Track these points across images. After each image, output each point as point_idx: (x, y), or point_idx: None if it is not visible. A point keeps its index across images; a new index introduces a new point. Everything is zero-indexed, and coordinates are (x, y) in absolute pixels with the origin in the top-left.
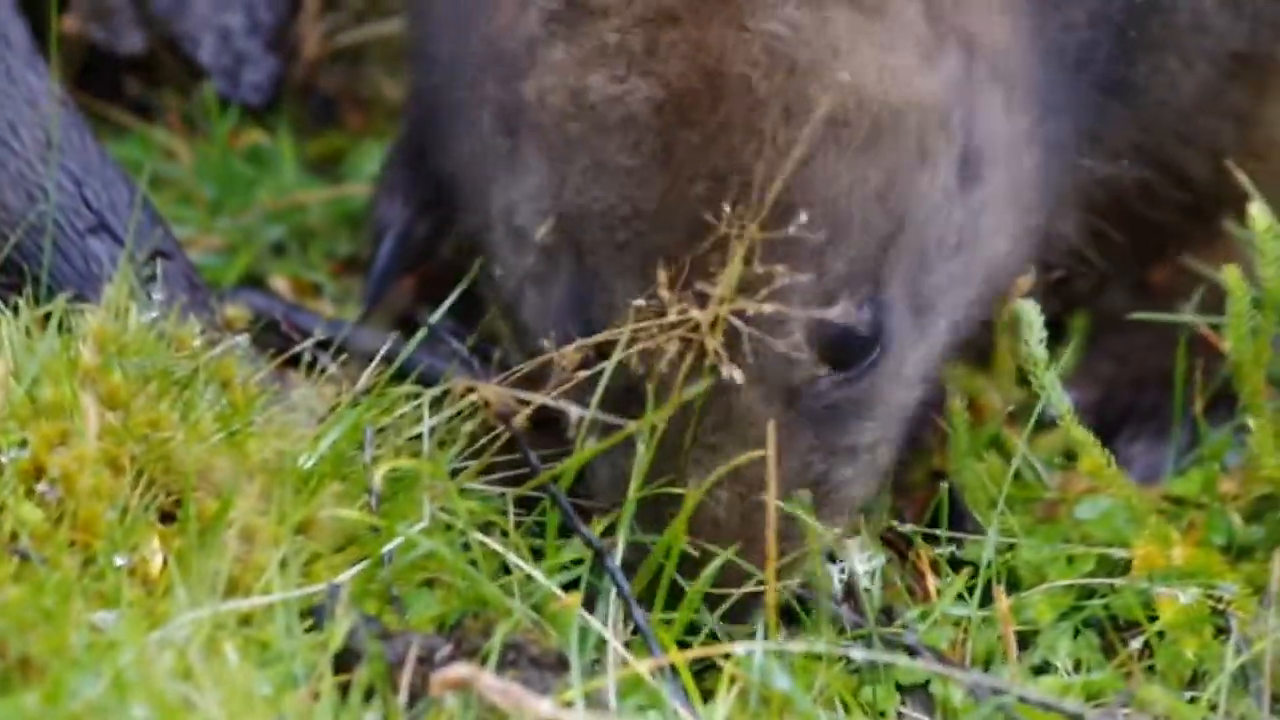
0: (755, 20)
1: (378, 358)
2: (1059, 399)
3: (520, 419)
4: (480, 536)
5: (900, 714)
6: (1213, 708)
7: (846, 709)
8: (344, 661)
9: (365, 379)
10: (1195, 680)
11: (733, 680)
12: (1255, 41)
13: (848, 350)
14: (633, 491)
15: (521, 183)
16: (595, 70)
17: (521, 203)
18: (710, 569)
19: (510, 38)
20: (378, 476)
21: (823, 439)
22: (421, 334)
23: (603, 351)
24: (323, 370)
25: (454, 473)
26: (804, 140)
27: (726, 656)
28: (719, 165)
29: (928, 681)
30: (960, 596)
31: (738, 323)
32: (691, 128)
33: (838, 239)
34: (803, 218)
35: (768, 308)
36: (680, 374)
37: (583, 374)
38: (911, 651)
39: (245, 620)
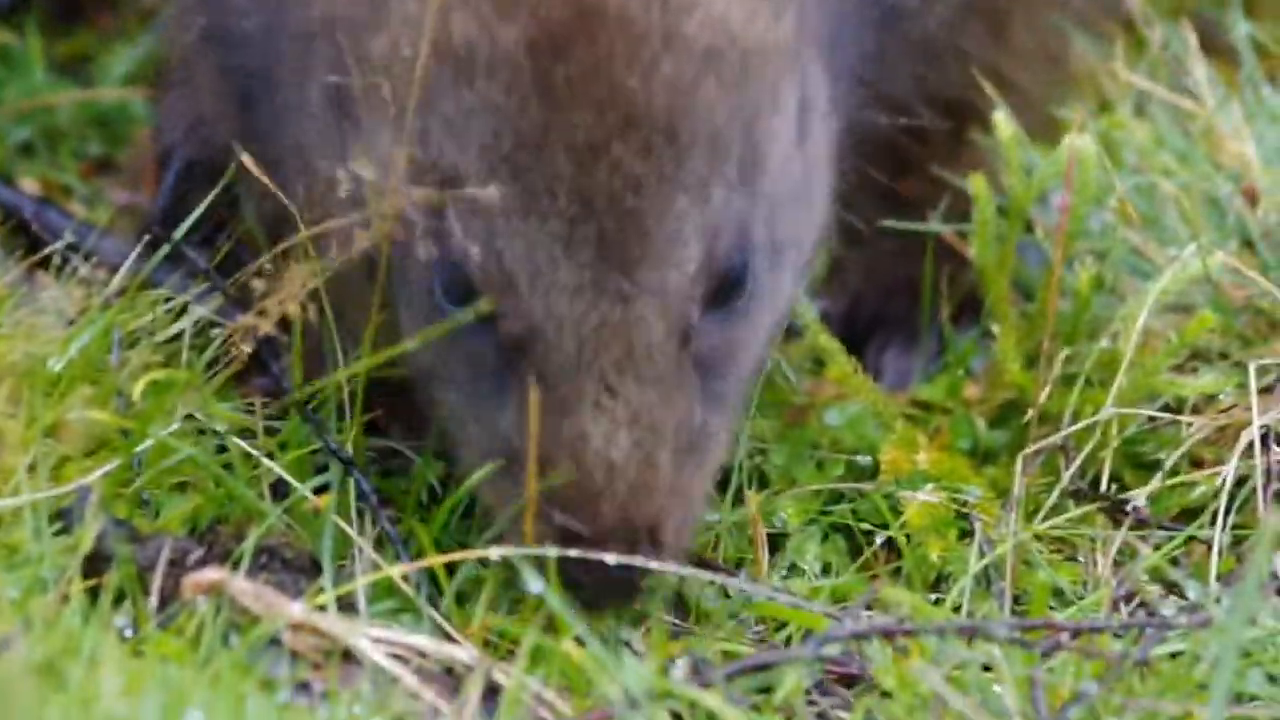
0: None
1: (129, 261)
2: (806, 307)
3: (247, 333)
4: (234, 439)
5: (652, 616)
6: (956, 609)
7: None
8: (94, 565)
9: (117, 283)
10: (939, 582)
11: (483, 584)
12: None
13: (724, 291)
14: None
15: (367, 148)
16: (456, 14)
17: (365, 168)
18: (474, 481)
19: None
20: (130, 380)
21: (702, 384)
22: (174, 242)
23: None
24: (73, 273)
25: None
26: (688, 69)
27: (483, 563)
28: (601, 97)
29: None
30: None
31: (635, 256)
32: (568, 62)
33: (717, 172)
34: (691, 146)
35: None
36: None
37: None
38: None
39: None
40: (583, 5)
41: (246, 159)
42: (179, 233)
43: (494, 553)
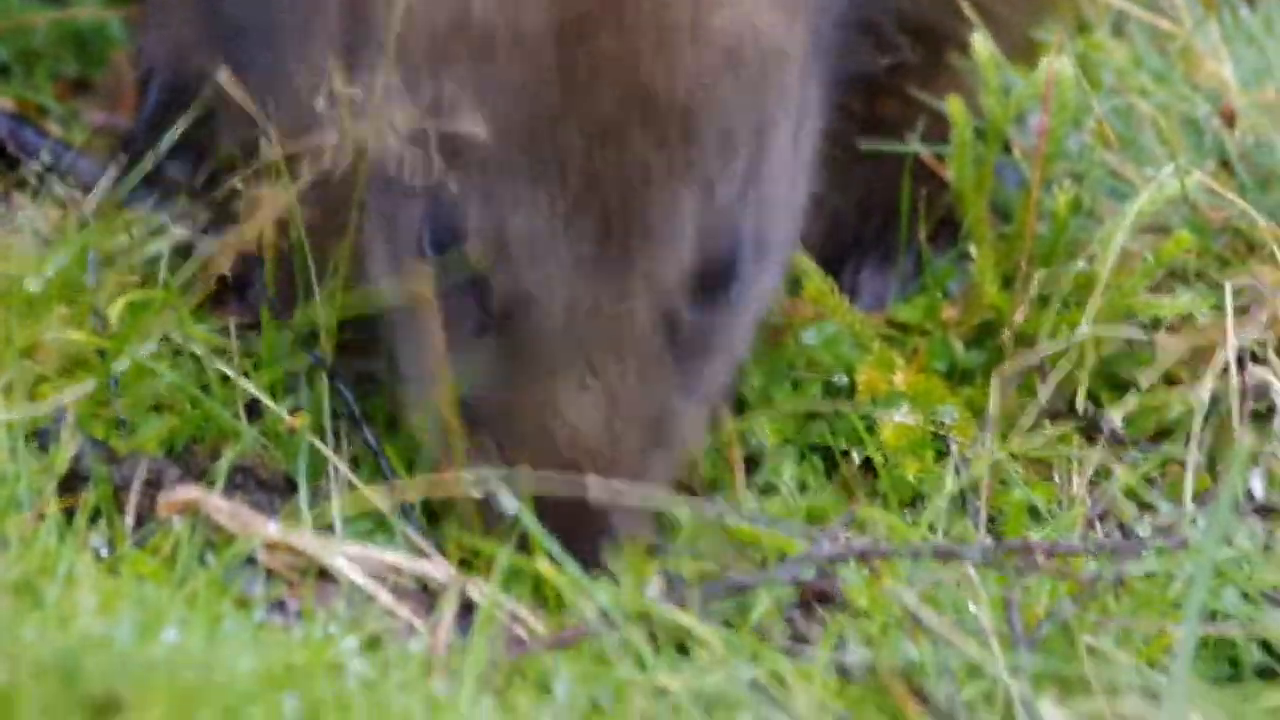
0: None
1: (104, 181)
2: None
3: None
4: (210, 359)
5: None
6: (931, 528)
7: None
8: (70, 485)
9: (93, 203)
10: (915, 502)
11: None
12: None
13: (712, 283)
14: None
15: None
16: None
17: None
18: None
19: None
20: (106, 301)
21: (680, 372)
22: (153, 161)
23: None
24: (50, 193)
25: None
26: (710, 64)
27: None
28: (623, 82)
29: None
30: None
31: (635, 243)
32: (593, 48)
33: (725, 170)
34: (705, 141)
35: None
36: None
37: None
38: None
39: None
40: None
41: (227, 83)
42: (158, 152)
43: (469, 475)
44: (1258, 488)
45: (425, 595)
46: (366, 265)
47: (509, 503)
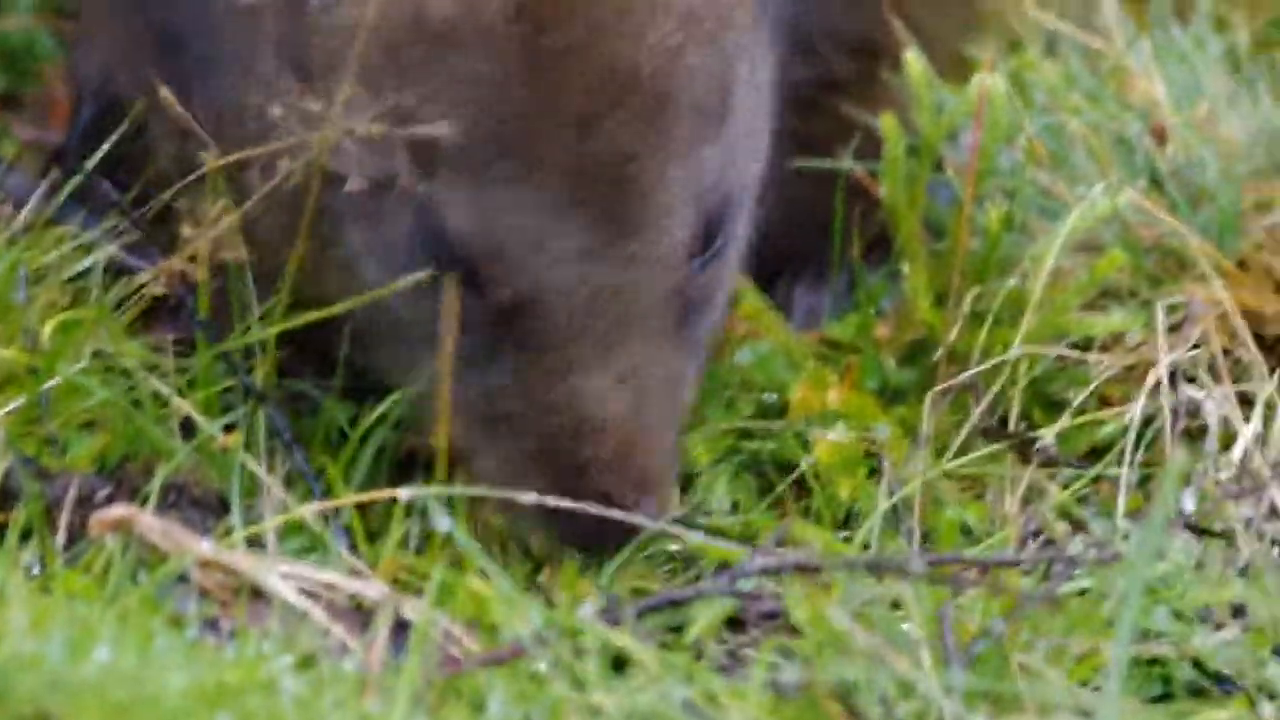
0: None
1: (36, 195)
2: None
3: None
4: (145, 375)
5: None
6: (865, 547)
7: (505, 550)
8: (1, 502)
9: (23, 219)
10: (849, 521)
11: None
12: None
13: (708, 242)
14: None
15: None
16: None
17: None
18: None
19: None
20: (37, 318)
21: (685, 336)
22: (78, 179)
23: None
24: None
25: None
26: (673, 34)
27: (394, 501)
28: (591, 67)
29: None
30: None
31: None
32: (555, 34)
33: (701, 132)
34: (680, 111)
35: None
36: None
37: None
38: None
39: None
40: None
41: (166, 96)
42: (88, 167)
43: (403, 493)
44: (1189, 506)
45: (359, 614)
46: (355, 279)
47: (442, 521)
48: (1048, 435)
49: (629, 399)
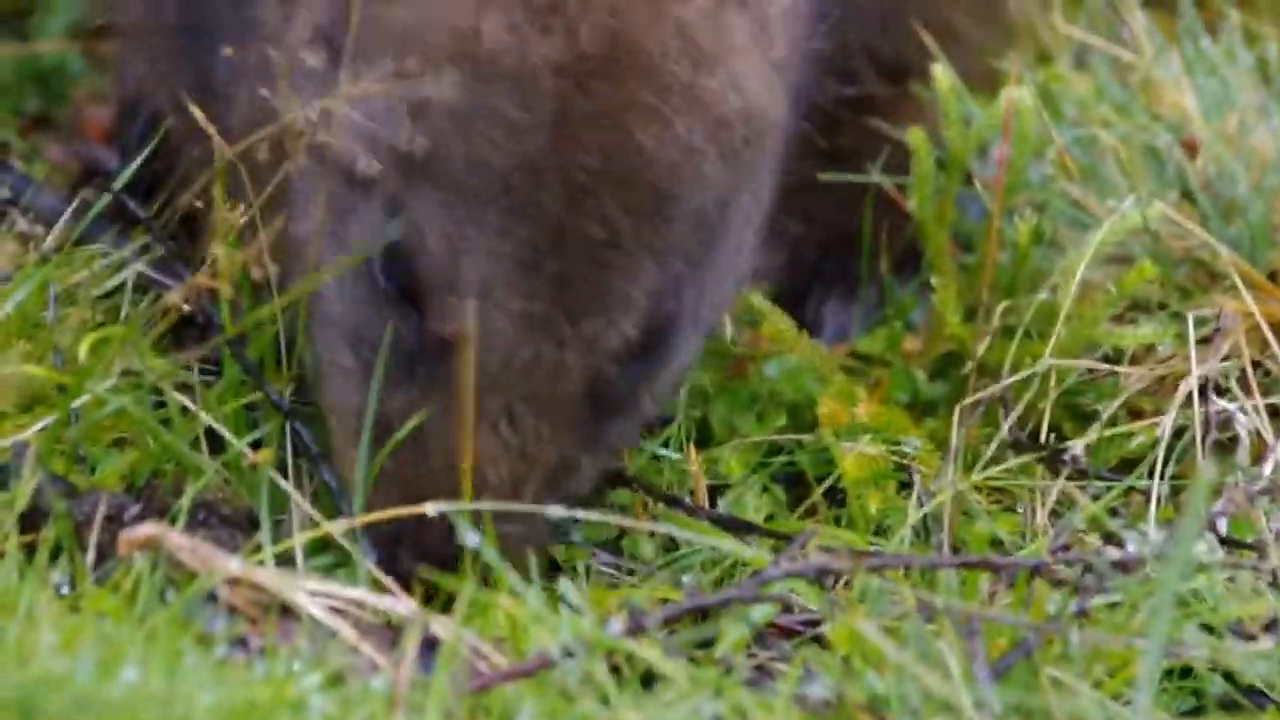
0: (668, 2)
1: (65, 214)
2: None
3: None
4: (172, 393)
5: (592, 568)
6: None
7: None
8: (30, 521)
9: (53, 237)
10: (879, 533)
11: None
12: None
13: (645, 346)
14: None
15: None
16: (490, 14)
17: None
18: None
19: None
20: (67, 336)
21: (593, 430)
22: (105, 198)
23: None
24: (10, 227)
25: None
26: (698, 133)
27: (421, 518)
28: (612, 140)
29: (620, 535)
30: (655, 456)
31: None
32: (589, 97)
33: (686, 245)
34: (677, 215)
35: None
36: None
37: None
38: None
39: None
40: (618, 38)
41: (196, 113)
42: (119, 186)
43: (431, 509)
44: (1221, 518)
45: (388, 631)
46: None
47: (471, 537)
48: (1078, 447)
49: (506, 465)
